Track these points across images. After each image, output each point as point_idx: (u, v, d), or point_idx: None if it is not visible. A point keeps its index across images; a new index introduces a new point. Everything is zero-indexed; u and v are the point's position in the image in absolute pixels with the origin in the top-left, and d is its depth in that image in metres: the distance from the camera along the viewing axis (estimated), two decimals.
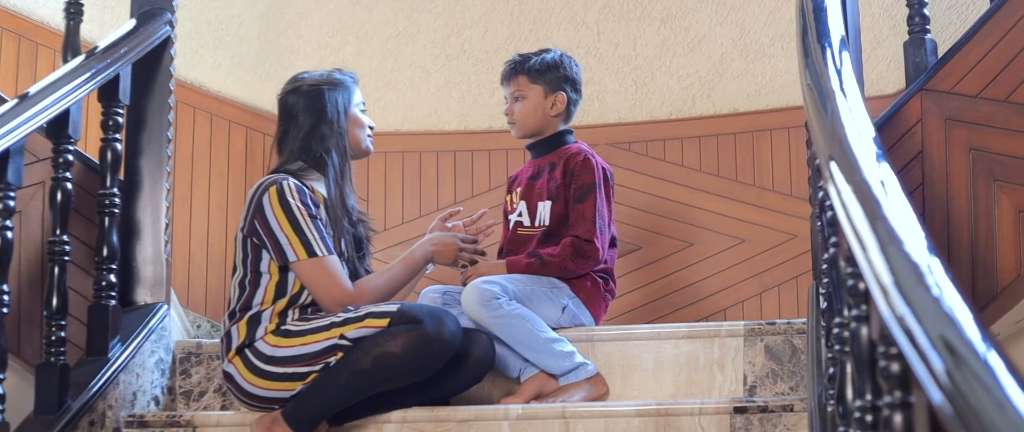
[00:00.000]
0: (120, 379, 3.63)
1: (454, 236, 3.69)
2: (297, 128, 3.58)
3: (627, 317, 5.03)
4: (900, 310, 1.62)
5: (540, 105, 3.83)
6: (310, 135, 3.56)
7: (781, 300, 4.95)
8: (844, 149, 2.27)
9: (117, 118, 3.70)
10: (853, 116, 2.46)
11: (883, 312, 1.70)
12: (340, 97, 3.60)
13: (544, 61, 3.84)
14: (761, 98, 5.11)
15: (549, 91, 3.82)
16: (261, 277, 3.47)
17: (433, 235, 3.70)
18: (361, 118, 3.67)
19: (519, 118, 3.85)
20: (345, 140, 3.59)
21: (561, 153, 3.81)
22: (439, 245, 3.68)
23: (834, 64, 2.85)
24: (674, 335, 3.67)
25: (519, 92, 3.84)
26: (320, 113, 3.57)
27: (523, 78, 3.84)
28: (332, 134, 3.56)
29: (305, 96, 3.59)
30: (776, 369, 3.58)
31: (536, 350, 3.56)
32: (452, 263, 3.70)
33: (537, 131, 3.87)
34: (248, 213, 3.48)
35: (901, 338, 1.59)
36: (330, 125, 3.57)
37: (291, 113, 3.61)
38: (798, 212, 4.87)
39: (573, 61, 3.90)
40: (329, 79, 3.62)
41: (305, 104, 3.59)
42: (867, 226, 1.90)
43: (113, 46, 3.69)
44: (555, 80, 3.83)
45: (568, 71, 3.85)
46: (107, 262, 3.63)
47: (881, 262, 1.76)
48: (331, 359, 3.35)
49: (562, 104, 3.83)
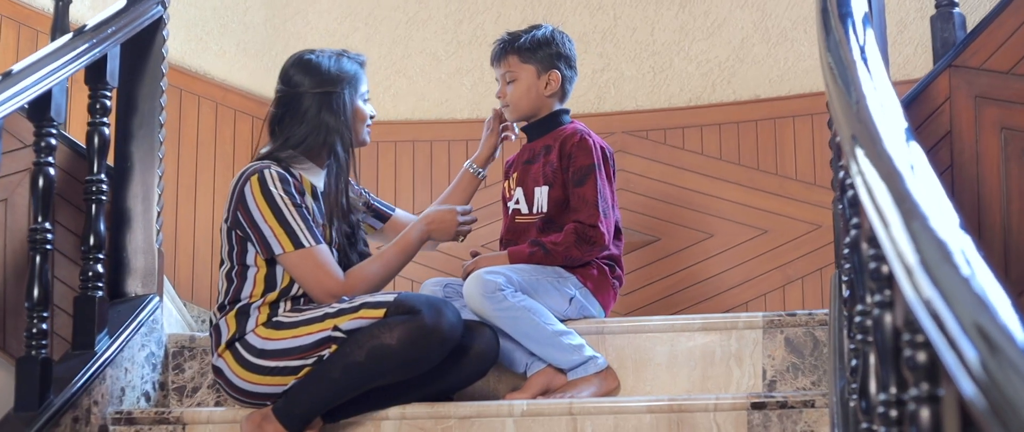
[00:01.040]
0: (107, 374, 3.49)
1: (451, 208, 3.53)
2: (298, 118, 3.43)
3: (644, 312, 4.94)
4: (927, 293, 1.50)
5: (533, 85, 3.70)
6: (310, 124, 3.41)
7: (805, 293, 4.87)
8: (864, 121, 2.14)
9: (105, 101, 3.56)
10: (875, 86, 2.32)
11: (908, 295, 1.57)
12: (348, 91, 3.44)
13: (535, 38, 3.71)
14: (783, 84, 5.04)
15: (542, 70, 3.70)
16: (248, 269, 3.35)
17: (427, 212, 3.55)
18: (364, 110, 3.52)
19: (513, 100, 3.72)
20: (349, 134, 3.44)
21: (557, 134, 3.68)
22: (435, 222, 3.52)
23: (856, 39, 2.71)
24: (689, 327, 3.53)
25: (511, 73, 3.71)
26: (326, 104, 3.43)
27: (514, 58, 3.71)
28: (338, 127, 3.42)
29: (311, 79, 3.44)
30: (797, 362, 3.44)
31: (543, 343, 3.42)
32: (452, 238, 3.53)
33: (532, 112, 3.74)
34: (231, 204, 3.36)
35: (928, 324, 1.47)
36: (336, 118, 3.42)
37: (293, 98, 3.45)
38: (822, 202, 4.80)
39: (565, 36, 3.77)
40: (340, 71, 3.45)
41: (312, 93, 3.44)
42: (890, 200, 1.78)
43: (100, 25, 3.55)
44: (548, 58, 3.69)
45: (561, 48, 3.72)
46: (94, 252, 3.49)
47: (905, 239, 1.65)
48: (325, 352, 3.22)
49: (557, 83, 3.70)
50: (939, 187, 1.78)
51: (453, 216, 3.51)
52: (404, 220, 3.77)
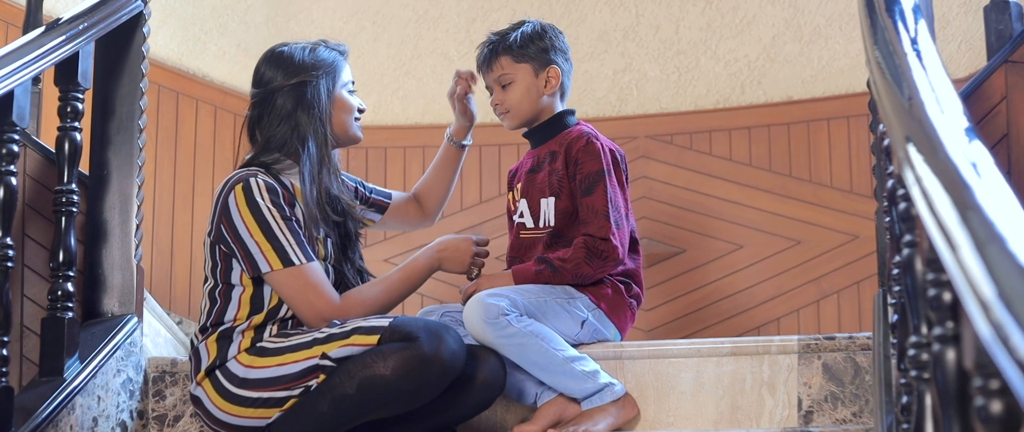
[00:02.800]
0: (77, 403, 3.21)
1: (467, 238, 3.28)
2: (274, 113, 3.21)
3: (668, 328, 4.88)
4: (1007, 331, 1.31)
5: (532, 85, 3.45)
6: (286, 122, 3.18)
7: (841, 309, 4.79)
8: (924, 125, 1.92)
9: (76, 104, 3.31)
10: (932, 85, 2.10)
11: (982, 334, 1.37)
12: (325, 81, 3.20)
13: (525, 34, 3.48)
14: (817, 84, 4.96)
15: (539, 67, 3.45)
16: (233, 289, 3.11)
17: (441, 239, 3.30)
18: (348, 100, 3.27)
19: (513, 105, 3.47)
20: (327, 127, 3.20)
21: (562, 139, 3.43)
22: (448, 250, 3.28)
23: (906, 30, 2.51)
24: (717, 352, 3.29)
25: (505, 76, 3.47)
26: (300, 97, 3.18)
27: (506, 59, 3.46)
28: (311, 121, 3.17)
29: (283, 73, 3.21)
30: (836, 391, 3.21)
31: (553, 371, 3.16)
32: (463, 271, 3.28)
33: (534, 116, 3.49)
34: (214, 216, 3.14)
35: (1010, 370, 1.29)
36: (310, 111, 3.17)
37: (267, 97, 3.24)
38: (859, 210, 4.73)
39: (554, 28, 3.55)
40: (314, 60, 3.21)
41: (286, 87, 3.22)
42: (957, 219, 1.58)
43: (71, 20, 3.30)
44: (542, 53, 3.46)
45: (555, 40, 3.50)
46: (63, 269, 3.24)
47: (978, 267, 1.45)
48: (312, 382, 2.96)
49: (556, 79, 3.46)
50: (1015, 202, 1.57)
51: (468, 246, 3.28)
52: (401, 203, 3.61)
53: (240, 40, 5.29)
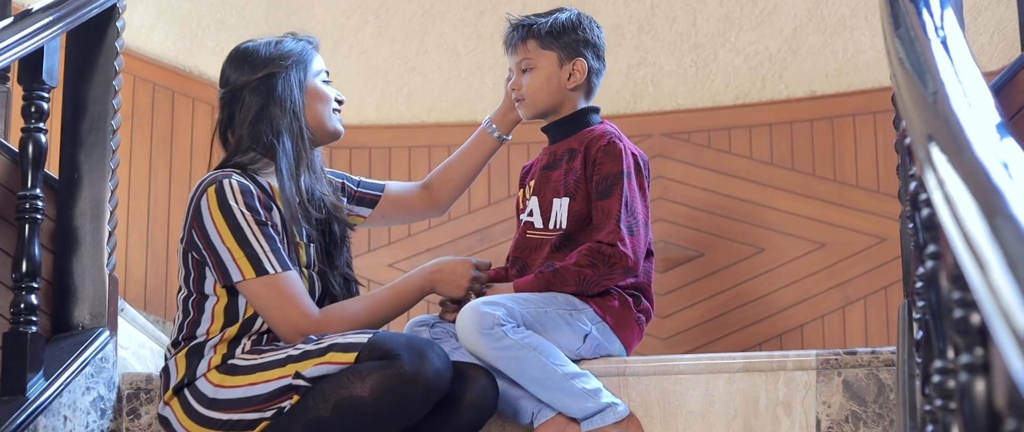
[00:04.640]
0: (39, 424, 3.02)
1: (465, 261, 3.08)
2: (243, 111, 3.04)
3: (685, 337, 4.85)
4: None
5: (554, 75, 3.27)
6: (258, 118, 3.00)
7: (868, 315, 4.78)
8: (948, 120, 1.73)
9: (40, 103, 3.14)
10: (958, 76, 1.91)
11: (1016, 373, 1.21)
12: (295, 72, 3.01)
13: (558, 22, 3.29)
14: (842, 78, 4.96)
15: (565, 58, 3.27)
16: (206, 299, 2.93)
17: (438, 260, 3.11)
18: (323, 90, 3.08)
19: (529, 92, 3.28)
20: (301, 120, 3.01)
21: (582, 137, 3.24)
22: (444, 273, 3.07)
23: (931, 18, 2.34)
24: (728, 368, 3.12)
25: (528, 60, 3.29)
26: (270, 91, 3.01)
27: (533, 43, 3.28)
28: (284, 115, 2.99)
29: (249, 68, 3.04)
30: (858, 411, 3.03)
31: (552, 388, 2.98)
32: (459, 297, 3.08)
33: (551, 108, 3.30)
34: (186, 221, 2.96)
35: None
36: (281, 104, 2.99)
37: (235, 93, 3.07)
38: (886, 211, 4.70)
39: (594, 22, 3.38)
40: (280, 52, 3.05)
41: (252, 83, 3.05)
42: (985, 230, 1.39)
43: (36, 13, 3.13)
44: (572, 44, 3.27)
45: (589, 34, 3.31)
46: (27, 279, 3.06)
47: (1010, 290, 1.26)
48: (285, 403, 2.77)
49: (582, 73, 3.26)
50: None
51: (466, 270, 3.08)
52: (400, 193, 3.39)
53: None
